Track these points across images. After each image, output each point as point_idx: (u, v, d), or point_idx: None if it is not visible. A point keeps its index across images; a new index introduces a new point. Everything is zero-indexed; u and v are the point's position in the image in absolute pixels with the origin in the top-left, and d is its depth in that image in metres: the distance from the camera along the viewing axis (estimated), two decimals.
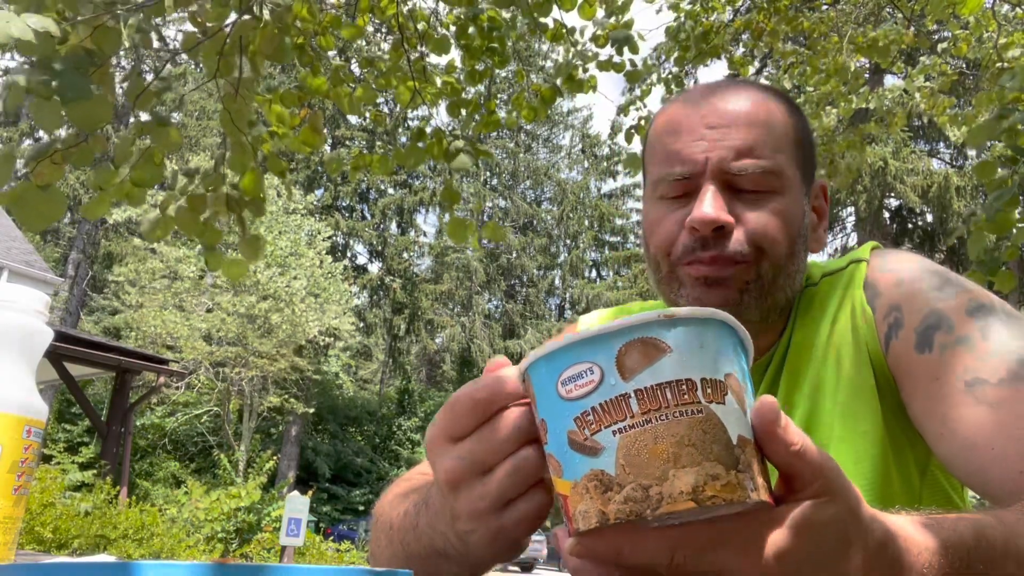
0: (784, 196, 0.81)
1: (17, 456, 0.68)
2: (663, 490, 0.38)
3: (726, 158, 0.79)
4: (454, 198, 3.34)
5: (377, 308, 30.30)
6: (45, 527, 7.63)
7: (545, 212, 36.87)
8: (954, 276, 0.82)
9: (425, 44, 3.45)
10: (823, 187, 0.92)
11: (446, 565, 0.61)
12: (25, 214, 1.98)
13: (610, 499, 0.39)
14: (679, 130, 0.83)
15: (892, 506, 0.72)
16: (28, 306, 0.72)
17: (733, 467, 0.39)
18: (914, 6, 4.66)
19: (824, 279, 0.90)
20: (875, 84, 13.81)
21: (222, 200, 2.64)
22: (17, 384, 0.70)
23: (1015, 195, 2.24)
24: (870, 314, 0.83)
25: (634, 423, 0.39)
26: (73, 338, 10.33)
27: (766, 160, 0.80)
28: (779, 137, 0.82)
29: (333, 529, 19.89)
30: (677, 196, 0.83)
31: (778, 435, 0.42)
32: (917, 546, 0.49)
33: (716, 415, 0.39)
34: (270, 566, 0.48)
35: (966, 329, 0.74)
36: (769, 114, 0.83)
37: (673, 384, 0.39)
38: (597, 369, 0.40)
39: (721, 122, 0.81)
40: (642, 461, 0.38)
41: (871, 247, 0.90)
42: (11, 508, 0.67)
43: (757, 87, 0.87)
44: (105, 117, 1.88)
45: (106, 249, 28.86)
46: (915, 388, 0.76)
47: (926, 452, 0.80)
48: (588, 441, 0.40)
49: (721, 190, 0.79)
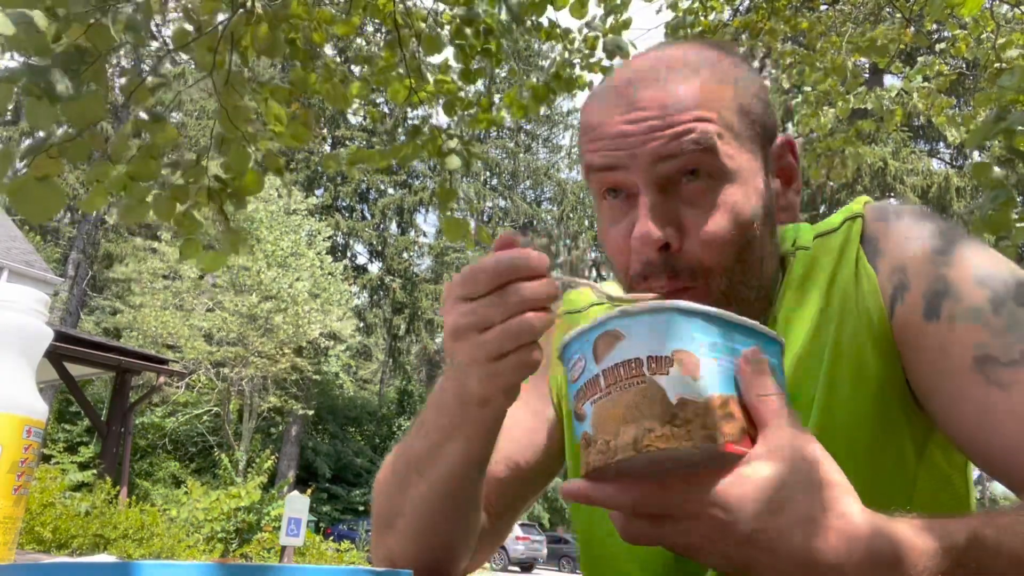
0: (734, 183, 0.73)
1: (17, 456, 0.68)
2: (617, 443, 0.49)
3: (657, 157, 0.71)
4: (450, 197, 3.37)
5: (377, 308, 30.29)
6: (45, 527, 7.63)
7: (545, 212, 36.86)
8: (955, 231, 0.76)
9: (420, 43, 3.45)
10: (789, 142, 0.81)
11: (449, 419, 0.69)
12: (25, 206, 1.99)
13: (589, 452, 0.51)
14: (603, 130, 0.74)
15: (881, 479, 0.72)
16: (28, 306, 0.73)
17: (669, 423, 0.48)
18: (913, 6, 4.66)
19: (817, 240, 0.82)
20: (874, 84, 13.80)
21: (203, 191, 2.65)
22: (17, 384, 0.70)
23: (1011, 196, 2.24)
24: (872, 273, 0.76)
25: (602, 395, 0.51)
26: (73, 338, 10.33)
27: (706, 152, 0.71)
28: (718, 115, 0.72)
29: (333, 529, 19.88)
30: (616, 204, 0.76)
31: (746, 374, 0.50)
32: (915, 548, 0.49)
33: (657, 383, 0.49)
34: (270, 566, 0.49)
35: (975, 299, 0.69)
36: (706, 96, 0.72)
37: (625, 363, 0.50)
38: (583, 358, 0.53)
39: (647, 115, 0.71)
40: (605, 422, 0.50)
41: (864, 202, 0.82)
42: (11, 508, 0.68)
43: (686, 58, 0.76)
44: (99, 114, 1.89)
45: (106, 249, 28.84)
46: (920, 360, 0.72)
47: (925, 430, 0.75)
48: (580, 410, 0.53)
49: (659, 196, 0.72)
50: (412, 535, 0.78)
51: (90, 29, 1.99)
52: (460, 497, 0.76)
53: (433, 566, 0.79)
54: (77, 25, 1.98)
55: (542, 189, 37.79)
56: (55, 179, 2.05)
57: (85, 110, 1.85)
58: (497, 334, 0.59)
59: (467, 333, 0.61)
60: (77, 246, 29.50)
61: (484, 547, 0.89)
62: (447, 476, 0.73)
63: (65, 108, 1.81)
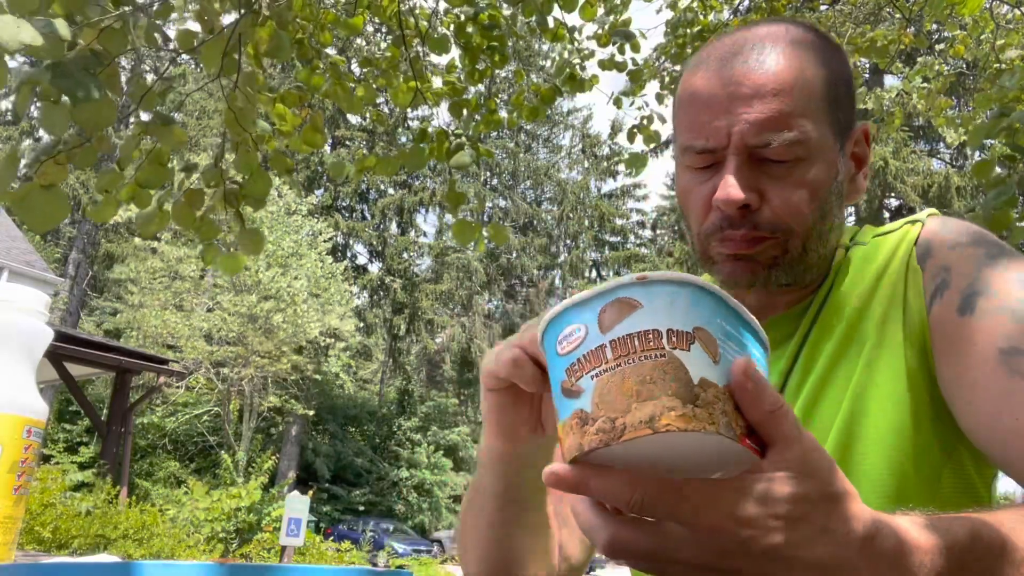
0: (813, 162, 0.79)
1: (17, 456, 0.68)
2: (626, 420, 0.43)
3: (749, 132, 0.77)
4: (459, 200, 3.31)
5: (377, 308, 30.29)
6: (45, 527, 7.63)
7: (545, 212, 36.86)
8: (1010, 247, 0.79)
9: (424, 43, 3.45)
10: (864, 131, 0.88)
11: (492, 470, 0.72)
12: (29, 215, 1.98)
13: (585, 432, 0.45)
14: (702, 100, 0.80)
15: (906, 468, 0.74)
16: (28, 306, 0.73)
17: (691, 402, 0.43)
18: (913, 6, 4.66)
19: (875, 239, 0.88)
20: (874, 84, 13.81)
21: (220, 195, 2.64)
22: (17, 384, 0.70)
23: (1013, 194, 2.24)
24: (919, 272, 0.80)
25: (607, 368, 0.45)
26: (73, 338, 10.33)
27: (792, 131, 0.77)
28: (808, 100, 0.78)
29: (333, 529, 19.89)
30: (703, 167, 0.82)
31: (749, 391, 0.45)
32: (916, 546, 0.49)
33: (679, 359, 0.44)
34: (270, 566, 0.49)
35: (1012, 298, 0.71)
36: (797, 77, 0.78)
37: (641, 334, 0.45)
38: (583, 328, 0.47)
39: (746, 92, 0.78)
40: (612, 398, 0.44)
41: (929, 213, 0.88)
42: (11, 508, 0.68)
43: (788, 38, 0.82)
44: (109, 118, 1.88)
45: (106, 249, 28.86)
46: (948, 351, 0.74)
47: (954, 434, 0.76)
48: (574, 387, 0.47)
49: (745, 164, 0.78)
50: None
51: (103, 33, 1.98)
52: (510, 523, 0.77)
53: None
54: (90, 29, 1.97)
55: (542, 189, 37.78)
56: (59, 186, 2.04)
57: (97, 114, 1.84)
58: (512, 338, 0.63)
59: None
60: (77, 246, 29.51)
61: None
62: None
63: (77, 112, 1.80)
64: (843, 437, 0.77)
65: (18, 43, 1.53)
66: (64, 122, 1.80)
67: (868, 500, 0.59)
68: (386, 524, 22.08)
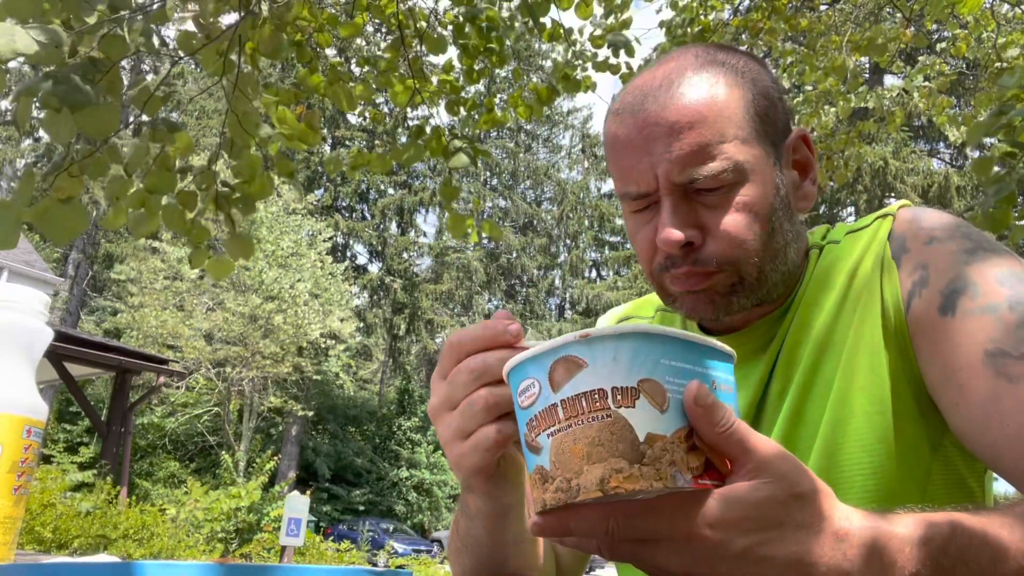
0: (748, 184, 0.77)
1: (17, 456, 0.68)
2: (580, 482, 0.46)
3: (674, 171, 0.76)
4: (453, 194, 3.35)
5: (377, 308, 30.30)
6: (45, 527, 7.63)
7: (545, 212, 36.86)
8: (988, 239, 0.77)
9: (423, 43, 3.45)
10: (802, 136, 0.86)
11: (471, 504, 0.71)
12: (50, 229, 1.99)
13: (547, 488, 0.48)
14: (623, 147, 0.80)
15: (892, 467, 0.74)
16: (28, 306, 0.73)
17: (637, 462, 0.45)
18: (913, 6, 4.66)
19: (847, 236, 0.87)
20: (874, 84, 13.82)
21: (211, 198, 2.64)
22: (17, 384, 0.70)
23: (1012, 192, 2.24)
24: (894, 267, 0.79)
25: (560, 427, 0.47)
26: (73, 338, 10.33)
27: (716, 160, 0.76)
28: (727, 123, 0.77)
29: (333, 529, 19.88)
30: (642, 210, 0.82)
31: (699, 416, 0.47)
32: (894, 536, 0.50)
33: (624, 418, 0.46)
34: (270, 566, 0.49)
35: (994, 297, 0.70)
36: (710, 104, 0.77)
37: (588, 394, 0.47)
38: (537, 383, 0.49)
39: (661, 132, 0.77)
40: (566, 459, 0.47)
41: (900, 204, 0.86)
42: (11, 508, 0.68)
43: (695, 66, 0.80)
44: (113, 124, 1.87)
45: (106, 249, 28.85)
46: (933, 353, 0.73)
47: (940, 429, 0.76)
48: (534, 442, 0.49)
49: (681, 201, 0.77)
50: None
51: (104, 39, 1.99)
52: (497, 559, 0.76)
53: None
54: (90, 36, 1.97)
55: (542, 189, 37.79)
56: (77, 199, 2.06)
57: (101, 120, 1.84)
58: (458, 413, 0.59)
59: (439, 412, 0.61)
60: (77, 246, 29.50)
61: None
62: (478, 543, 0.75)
63: (81, 119, 1.79)
64: (829, 442, 0.77)
65: (12, 51, 1.53)
66: (68, 129, 1.79)
67: (858, 502, 0.59)
68: (386, 524, 22.09)
